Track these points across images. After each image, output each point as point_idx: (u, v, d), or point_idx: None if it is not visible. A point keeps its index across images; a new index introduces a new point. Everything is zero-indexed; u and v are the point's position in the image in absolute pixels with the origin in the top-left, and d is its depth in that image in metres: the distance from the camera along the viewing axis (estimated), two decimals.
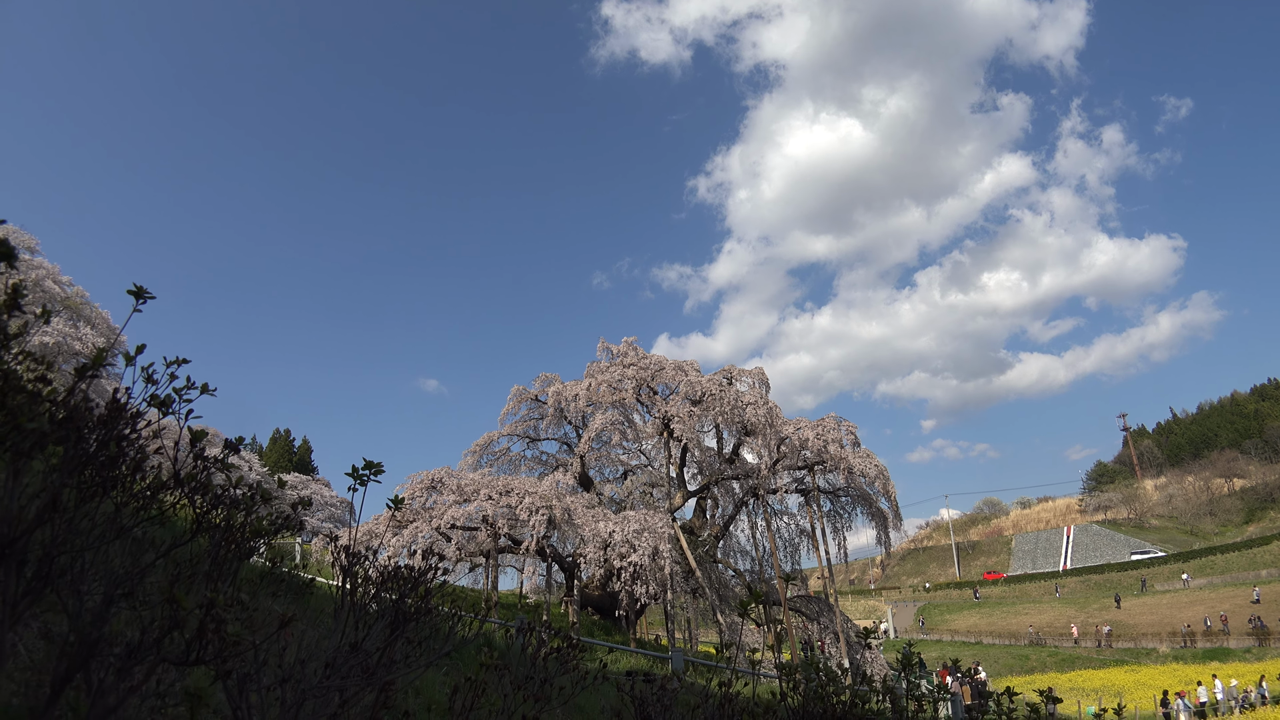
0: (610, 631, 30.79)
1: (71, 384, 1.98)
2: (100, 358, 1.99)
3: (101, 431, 2.00)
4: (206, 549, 2.21)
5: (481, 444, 34.48)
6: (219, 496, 2.18)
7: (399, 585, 2.51)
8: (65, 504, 1.98)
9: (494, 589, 25.16)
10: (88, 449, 1.99)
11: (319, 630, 4.77)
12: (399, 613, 2.40)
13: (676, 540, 27.46)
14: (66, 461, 1.96)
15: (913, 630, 72.07)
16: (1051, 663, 52.12)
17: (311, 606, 6.46)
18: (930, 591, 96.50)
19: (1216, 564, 75.48)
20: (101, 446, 2.01)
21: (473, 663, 5.59)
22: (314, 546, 28.51)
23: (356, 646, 2.15)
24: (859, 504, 34.85)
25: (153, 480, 2.10)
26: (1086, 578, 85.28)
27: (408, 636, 2.38)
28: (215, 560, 2.13)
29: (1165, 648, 50.22)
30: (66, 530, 2.05)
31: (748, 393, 31.63)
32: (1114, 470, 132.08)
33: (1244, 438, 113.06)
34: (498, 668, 2.48)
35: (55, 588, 2.09)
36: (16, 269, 25.59)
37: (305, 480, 67.08)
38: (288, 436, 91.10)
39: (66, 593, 2.07)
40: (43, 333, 26.90)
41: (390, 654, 2.20)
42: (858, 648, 31.90)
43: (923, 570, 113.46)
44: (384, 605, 2.49)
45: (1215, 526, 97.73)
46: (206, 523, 2.14)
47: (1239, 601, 56.19)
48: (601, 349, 35.78)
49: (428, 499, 26.15)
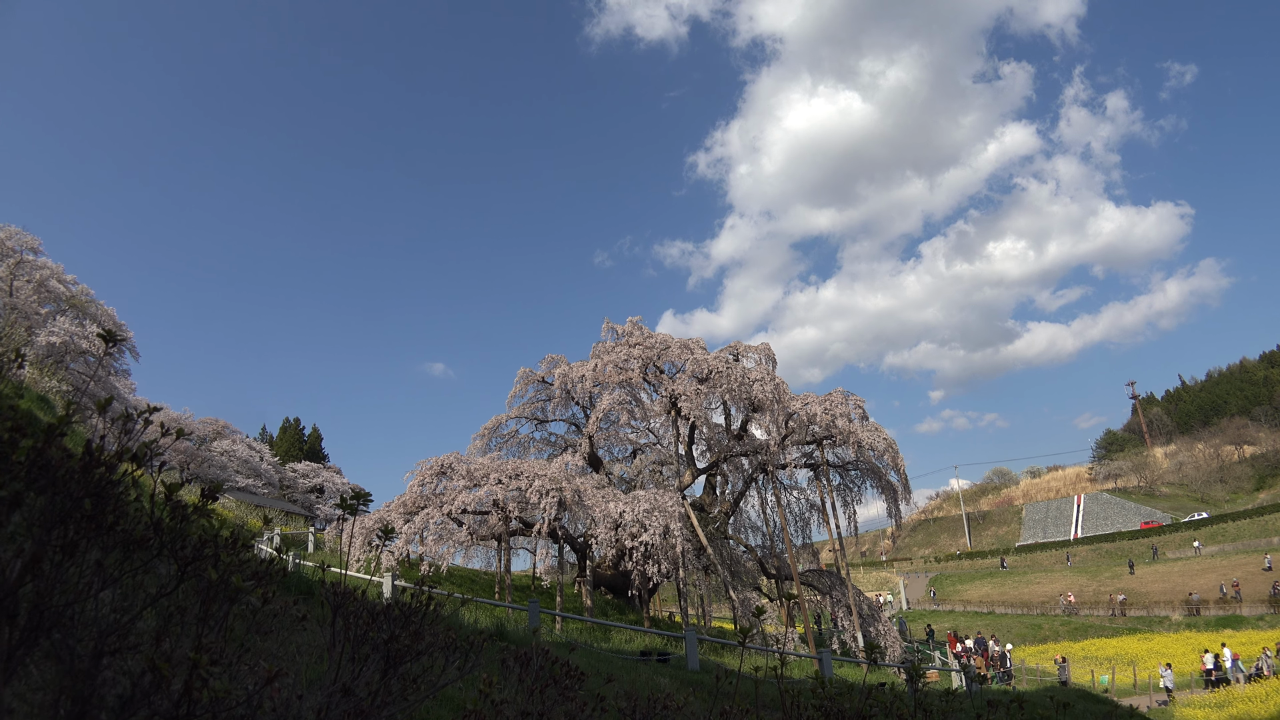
0: (624, 610, 31.03)
1: (45, 437, 1.94)
2: (64, 420, 1.95)
3: (79, 484, 1.97)
4: (194, 593, 2.18)
5: (490, 427, 34.56)
6: (200, 547, 2.14)
7: (390, 625, 2.48)
8: (50, 557, 1.95)
9: (507, 571, 25.32)
10: (68, 502, 1.96)
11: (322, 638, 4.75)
12: (390, 652, 2.37)
13: (687, 518, 27.54)
14: (48, 516, 1.93)
15: (925, 601, 72.35)
16: (1064, 631, 52.26)
17: (320, 603, 6.48)
18: (942, 562, 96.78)
19: (1228, 531, 75.42)
20: (79, 500, 1.97)
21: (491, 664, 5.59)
22: (326, 535, 28.73)
23: (349, 691, 2.12)
24: (868, 477, 34.89)
25: (137, 533, 2.07)
26: (1098, 546, 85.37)
27: (402, 674, 2.36)
28: (204, 608, 2.10)
29: (1178, 615, 50.24)
30: (54, 580, 2.03)
31: (754, 369, 31.58)
32: (1123, 438, 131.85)
33: (1254, 404, 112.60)
34: (495, 702, 2.45)
35: (49, 638, 2.07)
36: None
37: (316, 468, 67.48)
38: (297, 425, 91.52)
39: (59, 644, 2.05)
40: (49, 332, 26.93)
41: (385, 694, 2.17)
42: (870, 620, 32.07)
43: (934, 541, 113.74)
44: (377, 641, 2.46)
45: (1226, 494, 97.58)
46: (190, 572, 2.11)
47: (1251, 569, 56.17)
48: (607, 329, 35.71)
49: (438, 484, 26.28)
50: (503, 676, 3.06)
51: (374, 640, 2.44)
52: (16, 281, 28.32)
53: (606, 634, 20.69)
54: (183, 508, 2.11)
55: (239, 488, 53.41)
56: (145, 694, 1.98)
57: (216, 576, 2.02)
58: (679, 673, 14.27)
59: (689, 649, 15.96)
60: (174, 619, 2.24)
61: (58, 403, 20.29)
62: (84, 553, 2.04)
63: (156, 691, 1.94)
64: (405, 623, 2.53)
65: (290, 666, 3.66)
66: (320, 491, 64.36)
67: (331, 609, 2.52)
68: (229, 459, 55.35)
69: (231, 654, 2.21)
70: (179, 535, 2.10)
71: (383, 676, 2.31)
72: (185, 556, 2.10)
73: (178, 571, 2.10)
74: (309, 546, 29.99)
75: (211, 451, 54.51)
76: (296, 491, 62.99)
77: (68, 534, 2.01)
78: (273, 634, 3.70)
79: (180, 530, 2.09)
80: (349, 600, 2.53)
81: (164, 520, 2.07)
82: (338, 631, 2.47)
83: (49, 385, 23.60)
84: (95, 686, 2.02)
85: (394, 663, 2.37)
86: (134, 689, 1.98)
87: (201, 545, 2.13)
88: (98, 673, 2.06)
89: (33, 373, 22.89)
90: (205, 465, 52.46)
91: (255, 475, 57.33)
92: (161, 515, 2.07)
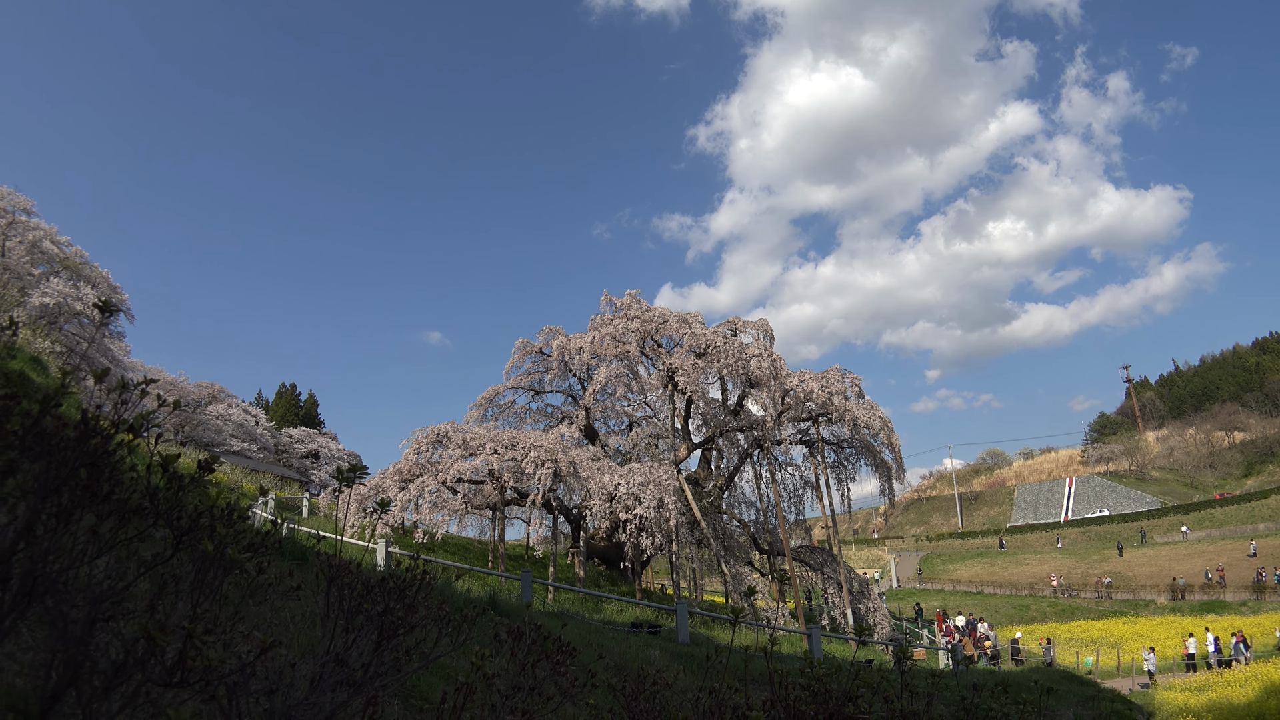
0: (616, 582, 31.25)
1: (40, 406, 1.93)
2: (60, 390, 1.94)
3: (74, 453, 1.96)
4: (190, 560, 2.18)
5: (487, 397, 34.60)
6: (195, 517, 2.14)
7: (385, 597, 2.49)
8: (45, 523, 1.95)
9: (501, 540, 25.46)
10: (63, 470, 1.96)
11: (316, 606, 4.78)
12: (384, 625, 2.38)
13: (681, 492, 27.68)
14: (43, 484, 1.92)
15: (913, 580, 72.99)
16: (1051, 613, 52.78)
17: (315, 572, 6.51)
18: (934, 541, 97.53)
19: (1215, 517, 75.96)
20: (75, 469, 1.97)
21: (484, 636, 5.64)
22: (321, 500, 28.84)
23: (342, 660, 2.13)
24: (863, 455, 35.09)
25: (132, 502, 2.07)
26: (1087, 529, 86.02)
27: (395, 646, 2.37)
28: (199, 575, 2.10)
29: (1163, 599, 50.78)
30: (49, 547, 2.03)
31: (752, 345, 31.57)
32: (1116, 422, 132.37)
33: (1245, 390, 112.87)
34: (487, 675, 2.47)
35: (42, 603, 2.08)
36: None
37: (312, 434, 67.54)
38: (294, 390, 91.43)
39: (52, 609, 2.06)
40: (42, 293, 26.76)
41: (378, 665, 2.19)
42: (860, 597, 32.39)
43: (926, 520, 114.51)
44: (371, 612, 2.47)
45: (1215, 479, 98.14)
46: (186, 542, 2.11)
47: (1236, 554, 56.72)
48: (605, 302, 35.65)
49: (434, 453, 26.33)
50: (495, 650, 3.09)
51: (368, 612, 2.45)
52: (9, 242, 28.11)
53: (598, 605, 20.86)
54: (178, 478, 2.11)
55: (234, 452, 53.50)
56: (139, 661, 1.99)
57: (212, 549, 2.03)
58: (669, 645, 14.42)
59: (680, 622, 16.12)
60: (169, 586, 2.25)
61: (51, 364, 20.21)
62: (78, 520, 2.04)
63: (150, 658, 1.95)
64: (399, 595, 2.54)
65: (284, 635, 3.69)
66: (316, 457, 64.49)
67: (326, 580, 2.53)
68: (224, 423, 55.36)
69: (226, 621, 2.22)
70: (175, 505, 2.10)
71: (376, 648, 2.32)
72: (181, 526, 2.11)
73: (173, 540, 2.11)
74: (304, 512, 30.11)
75: (207, 416, 54.49)
76: (292, 457, 63.11)
77: (62, 501, 2.01)
78: (267, 602, 3.72)
79: (176, 500, 2.09)
80: (344, 572, 2.54)
81: (160, 490, 2.07)
82: (332, 602, 2.49)
83: (42, 346, 23.50)
84: (88, 651, 2.03)
85: (388, 635, 2.38)
86: (127, 655, 2.00)
87: (197, 515, 2.13)
88: (91, 638, 2.07)
89: (26, 334, 22.78)
90: (200, 429, 52.49)
91: (250, 440, 57.38)
92: (158, 484, 2.07)
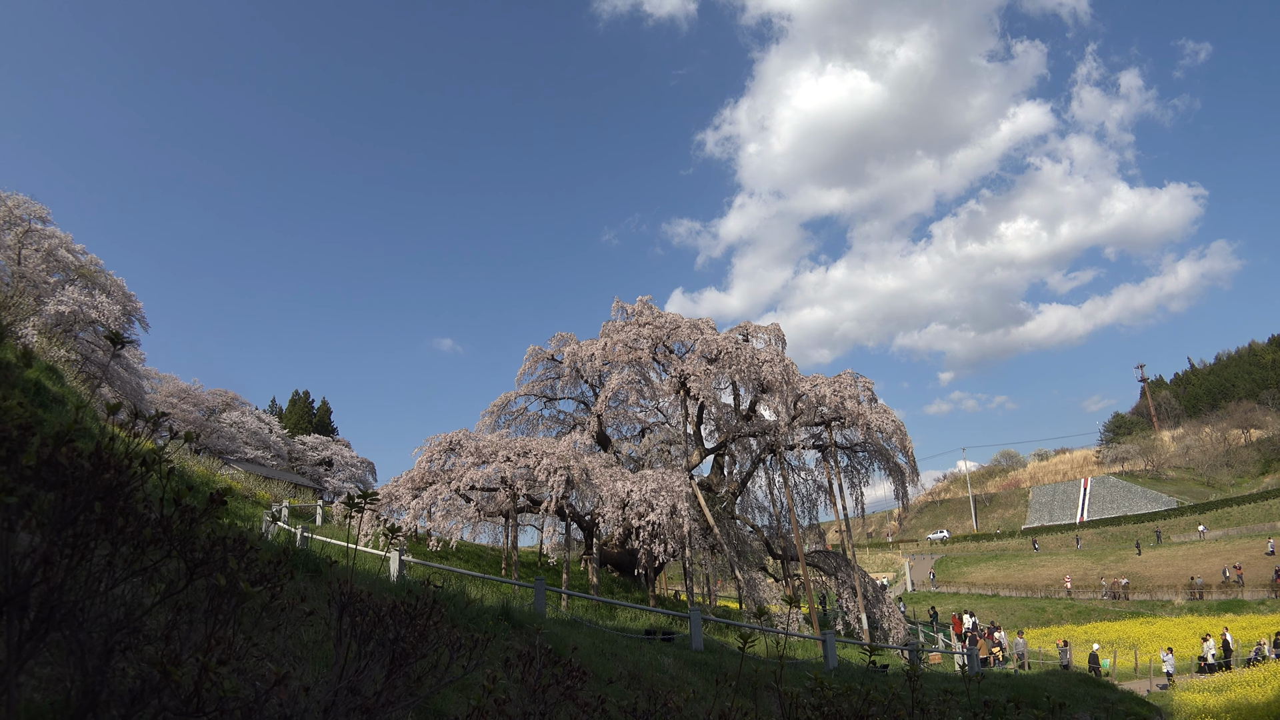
0: (630, 588, 31.23)
1: (55, 440, 1.96)
2: (72, 425, 1.97)
3: (89, 487, 1.99)
4: (204, 589, 2.20)
5: (499, 404, 34.70)
6: (209, 549, 2.16)
7: (396, 624, 2.50)
8: (61, 553, 1.98)
9: (514, 548, 25.50)
10: (78, 502, 1.99)
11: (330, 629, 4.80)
12: (396, 652, 2.40)
13: (694, 498, 27.64)
14: (58, 516, 1.95)
15: (927, 584, 72.59)
16: (1068, 615, 52.41)
17: (328, 584, 6.53)
18: (948, 544, 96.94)
19: (1232, 515, 75.20)
20: (89, 503, 1.99)
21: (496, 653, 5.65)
22: (335, 509, 28.94)
23: (355, 689, 2.15)
24: (876, 459, 34.92)
25: (146, 534, 2.09)
26: (1103, 529, 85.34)
27: (407, 672, 2.38)
28: (212, 603, 2.13)
29: (1181, 600, 50.32)
30: (66, 577, 2.06)
31: (764, 350, 31.53)
32: (1131, 422, 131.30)
33: (1262, 388, 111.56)
34: (499, 701, 2.47)
35: (59, 632, 2.10)
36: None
37: (325, 441, 67.79)
38: (307, 398, 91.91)
39: (69, 638, 2.08)
40: (58, 301, 26.98)
41: (390, 693, 2.20)
42: (875, 602, 32.24)
43: (940, 523, 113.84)
44: (383, 639, 2.49)
45: (1232, 478, 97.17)
46: (199, 573, 2.13)
47: (1254, 553, 56.14)
48: (616, 308, 35.71)
49: (446, 461, 26.42)
50: (506, 673, 3.09)
51: (380, 638, 2.47)
52: (25, 250, 28.32)
53: (612, 612, 20.85)
54: (190, 511, 2.13)
55: (247, 459, 53.79)
56: (155, 690, 2.01)
57: (225, 582, 2.05)
58: (683, 652, 14.38)
59: (694, 629, 16.07)
60: (183, 614, 2.27)
61: (67, 373, 20.37)
62: (94, 551, 2.07)
63: (166, 688, 1.97)
64: (411, 622, 2.56)
65: (298, 652, 3.71)
66: (329, 464, 64.72)
67: (338, 608, 2.55)
68: (238, 430, 55.68)
69: (241, 646, 2.24)
70: (188, 537, 2.12)
71: (388, 675, 2.34)
72: (194, 558, 2.13)
73: (187, 571, 2.13)
74: (318, 519, 30.22)
75: (220, 423, 54.84)
76: (305, 464, 63.36)
77: (77, 533, 2.03)
78: (280, 629, 3.74)
79: (190, 532, 2.12)
80: (355, 600, 2.56)
81: (174, 522, 2.10)
82: (344, 630, 2.50)
83: (58, 354, 23.69)
84: (105, 680, 2.05)
85: (399, 662, 2.40)
86: (144, 685, 2.02)
87: (211, 547, 2.15)
88: (108, 667, 2.09)
89: (42, 342, 22.97)
90: (214, 437, 52.82)
91: (264, 447, 57.66)
92: (171, 516, 2.10)
